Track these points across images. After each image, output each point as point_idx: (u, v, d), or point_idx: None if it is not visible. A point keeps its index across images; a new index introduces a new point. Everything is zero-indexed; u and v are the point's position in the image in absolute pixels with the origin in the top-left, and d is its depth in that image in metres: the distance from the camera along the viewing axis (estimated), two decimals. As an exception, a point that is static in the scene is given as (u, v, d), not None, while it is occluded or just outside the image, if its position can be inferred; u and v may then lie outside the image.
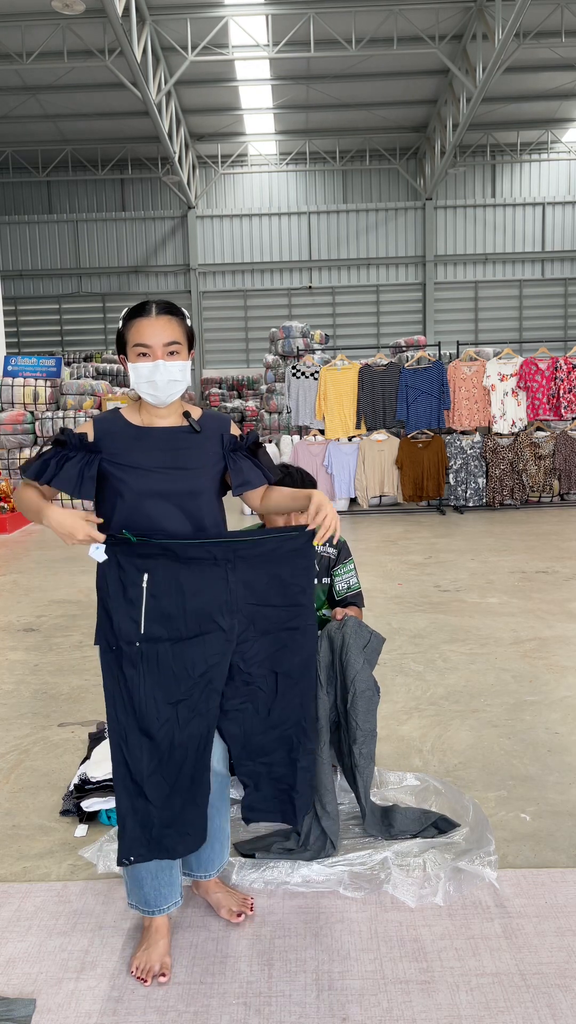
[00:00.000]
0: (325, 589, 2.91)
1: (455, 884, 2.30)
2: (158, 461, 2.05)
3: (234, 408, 19.63)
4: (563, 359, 9.56)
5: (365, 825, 2.56)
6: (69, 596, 6.06)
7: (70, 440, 2.05)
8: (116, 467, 2.04)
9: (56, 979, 2.05)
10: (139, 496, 2.02)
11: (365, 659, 2.50)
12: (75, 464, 2.02)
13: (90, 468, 2.03)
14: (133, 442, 2.06)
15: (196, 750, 2.05)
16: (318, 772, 2.47)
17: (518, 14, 12.27)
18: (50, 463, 2.03)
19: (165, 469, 2.04)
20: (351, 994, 1.97)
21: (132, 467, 2.03)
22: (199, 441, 2.10)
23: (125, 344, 2.06)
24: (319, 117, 20.58)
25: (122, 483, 2.03)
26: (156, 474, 2.03)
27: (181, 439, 2.08)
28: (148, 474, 2.03)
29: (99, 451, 2.05)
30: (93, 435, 2.07)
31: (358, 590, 2.93)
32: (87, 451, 2.04)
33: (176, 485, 2.04)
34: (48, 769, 3.20)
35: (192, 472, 2.07)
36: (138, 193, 23.56)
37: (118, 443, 2.05)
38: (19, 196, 23.49)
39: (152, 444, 2.06)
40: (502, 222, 23.47)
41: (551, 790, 2.91)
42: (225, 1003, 1.95)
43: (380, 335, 23.61)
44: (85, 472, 2.02)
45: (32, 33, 15.23)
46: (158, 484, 2.03)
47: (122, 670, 2.02)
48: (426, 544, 7.75)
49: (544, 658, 4.33)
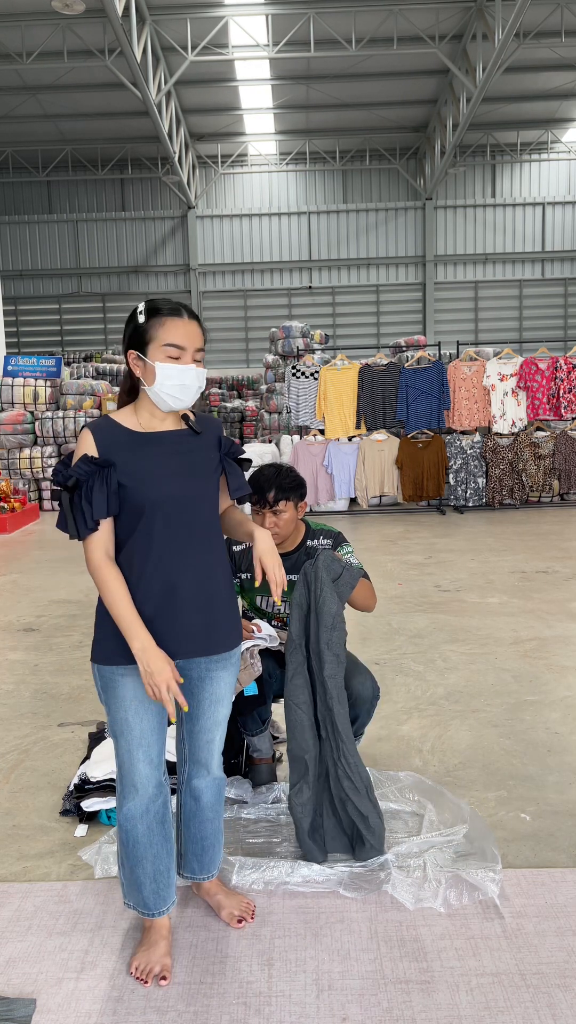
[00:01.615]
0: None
1: (456, 892, 2.30)
2: (168, 467, 1.99)
3: (234, 408, 19.60)
4: (563, 359, 9.56)
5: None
6: (69, 596, 6.06)
7: (79, 471, 1.92)
8: (127, 477, 1.95)
9: (56, 979, 2.04)
10: (154, 504, 1.96)
11: (337, 593, 2.45)
12: (100, 489, 1.92)
13: (111, 484, 1.93)
14: (139, 449, 1.98)
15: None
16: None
17: (518, 14, 12.27)
18: (84, 508, 1.92)
19: (176, 475, 2.00)
20: (351, 994, 1.97)
21: (144, 476, 1.96)
22: (200, 444, 2.07)
23: (145, 341, 1.95)
24: (319, 117, 20.57)
25: (136, 492, 1.95)
26: (169, 480, 1.98)
27: (184, 442, 2.04)
28: (161, 481, 1.97)
29: (112, 464, 1.94)
30: (98, 451, 1.96)
31: (361, 567, 2.89)
32: (100, 467, 1.93)
33: (189, 490, 2.01)
34: (48, 769, 3.20)
35: (200, 476, 2.04)
36: (138, 193, 23.56)
37: (124, 453, 1.96)
38: (19, 196, 23.48)
39: (159, 449, 2.00)
40: (502, 222, 23.46)
41: (551, 790, 2.91)
42: (225, 1003, 1.95)
43: (380, 335, 23.60)
44: (109, 490, 1.93)
45: (32, 33, 15.22)
46: (172, 490, 1.98)
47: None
48: (426, 544, 7.75)
49: (544, 658, 4.33)
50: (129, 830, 2.05)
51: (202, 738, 2.16)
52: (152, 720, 2.04)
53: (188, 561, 2.02)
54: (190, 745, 2.18)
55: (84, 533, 1.94)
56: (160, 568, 1.99)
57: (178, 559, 2.01)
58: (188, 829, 2.22)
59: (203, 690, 2.12)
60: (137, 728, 2.01)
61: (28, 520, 9.97)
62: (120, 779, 2.06)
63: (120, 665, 1.99)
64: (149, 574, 1.99)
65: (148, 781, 2.04)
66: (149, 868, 2.07)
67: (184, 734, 2.18)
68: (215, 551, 2.09)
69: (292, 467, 2.88)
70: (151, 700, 2.01)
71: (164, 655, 1.93)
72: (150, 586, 1.99)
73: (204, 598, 2.05)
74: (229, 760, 2.96)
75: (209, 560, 2.07)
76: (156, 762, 2.06)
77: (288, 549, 2.84)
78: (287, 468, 2.84)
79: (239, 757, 3.02)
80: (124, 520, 1.99)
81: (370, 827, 2.40)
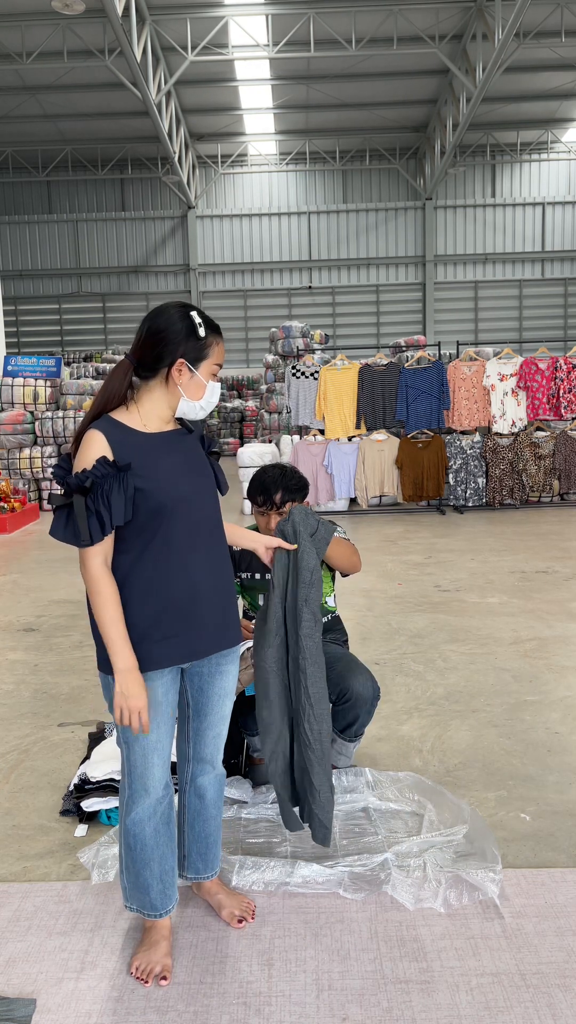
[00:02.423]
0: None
1: (456, 892, 2.30)
2: (178, 466, 2.01)
3: (234, 408, 19.62)
4: (563, 359, 9.56)
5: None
6: (69, 596, 6.06)
7: (98, 473, 1.87)
8: (141, 479, 1.91)
9: (56, 979, 2.05)
10: (170, 504, 1.95)
11: (315, 547, 2.34)
12: (118, 493, 1.87)
13: (129, 488, 1.89)
14: (150, 450, 1.96)
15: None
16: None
17: (518, 14, 12.27)
18: (101, 513, 1.86)
19: (187, 473, 2.02)
20: (351, 994, 1.97)
21: (158, 477, 1.94)
22: (194, 443, 2.10)
23: (201, 356, 1.99)
24: (319, 117, 20.57)
25: (150, 494, 1.92)
26: (182, 479, 1.99)
27: (183, 442, 2.06)
28: (176, 481, 1.97)
29: (129, 467, 1.90)
30: (111, 452, 1.91)
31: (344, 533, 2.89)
32: (117, 470, 1.89)
33: (199, 488, 2.03)
34: (48, 769, 3.20)
35: (204, 473, 2.07)
36: (138, 193, 23.56)
37: (136, 455, 1.93)
38: (19, 196, 23.48)
39: (167, 449, 2.01)
40: (502, 222, 23.47)
41: (551, 790, 2.91)
42: (225, 1003, 1.95)
43: (380, 335, 23.61)
44: (127, 495, 1.89)
45: (32, 33, 15.23)
46: (185, 489, 1.99)
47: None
48: (426, 544, 7.75)
49: (544, 658, 4.33)
50: (137, 834, 2.05)
51: (209, 733, 2.18)
52: (167, 724, 2.06)
53: (204, 558, 2.04)
54: (197, 742, 2.19)
55: (97, 538, 1.87)
56: (184, 569, 2.00)
57: (197, 557, 2.02)
58: (192, 829, 2.23)
59: (212, 685, 2.14)
60: (154, 733, 2.02)
61: (28, 520, 9.97)
62: (130, 784, 2.05)
63: None
64: (174, 576, 1.98)
65: (159, 783, 2.06)
66: (156, 869, 2.07)
67: (190, 732, 2.19)
68: (223, 546, 2.13)
69: (295, 467, 2.88)
70: (163, 704, 2.02)
71: (143, 680, 1.92)
72: (177, 588, 1.99)
73: (219, 594, 2.08)
74: (229, 760, 2.96)
75: (220, 555, 2.10)
76: (167, 764, 2.09)
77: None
78: (291, 468, 2.84)
79: (239, 757, 3.02)
80: (140, 524, 1.94)
81: (320, 802, 2.25)
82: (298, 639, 2.27)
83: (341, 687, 2.75)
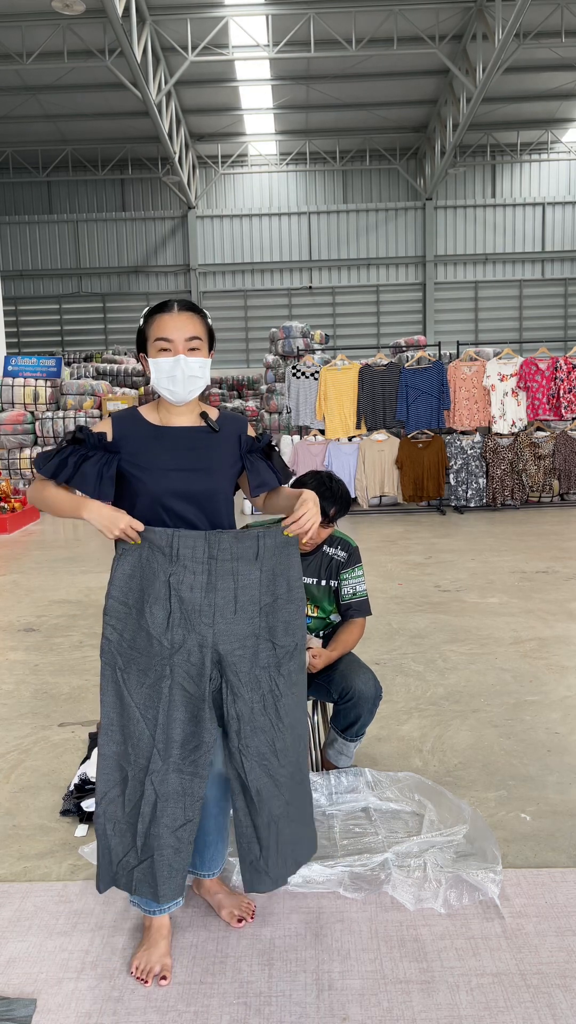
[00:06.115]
0: (332, 592, 2.89)
1: (456, 892, 2.30)
2: (177, 461, 2.03)
3: (234, 408, 19.62)
4: (563, 359, 9.56)
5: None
6: (69, 596, 6.06)
7: (88, 439, 2.02)
8: (135, 467, 2.02)
9: (56, 979, 2.04)
10: (158, 496, 2.01)
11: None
12: (94, 464, 1.99)
13: (109, 468, 2.00)
14: (152, 442, 2.04)
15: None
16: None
17: (518, 14, 12.27)
18: (68, 461, 2.00)
19: (183, 470, 2.03)
20: (351, 994, 1.97)
21: (151, 467, 2.02)
22: (217, 442, 2.09)
23: (146, 342, 2.05)
24: (319, 117, 20.56)
25: (141, 483, 2.01)
26: (175, 474, 2.02)
27: (199, 439, 2.07)
28: (167, 474, 2.02)
29: (118, 451, 2.03)
30: (112, 434, 2.05)
31: (364, 598, 2.91)
32: (106, 450, 2.02)
33: (194, 486, 2.03)
34: (48, 769, 3.20)
35: (210, 473, 2.06)
36: (138, 193, 23.55)
37: (136, 443, 2.04)
38: (19, 196, 23.47)
39: (170, 444, 2.05)
40: (502, 222, 23.46)
41: (551, 790, 2.91)
42: (225, 1003, 1.95)
43: (380, 335, 23.59)
44: (104, 472, 2.00)
45: (32, 33, 15.22)
46: (177, 484, 2.02)
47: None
48: (426, 544, 7.75)
49: (544, 658, 4.33)
50: None
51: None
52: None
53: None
54: None
55: (47, 472, 2.00)
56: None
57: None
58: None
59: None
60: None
61: (28, 520, 9.97)
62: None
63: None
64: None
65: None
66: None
67: None
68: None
69: (340, 479, 2.87)
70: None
71: (115, 508, 1.98)
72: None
73: None
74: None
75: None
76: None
77: (308, 550, 2.85)
78: (338, 480, 2.84)
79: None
80: (137, 513, 2.02)
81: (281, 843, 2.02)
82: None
83: (343, 686, 2.75)
